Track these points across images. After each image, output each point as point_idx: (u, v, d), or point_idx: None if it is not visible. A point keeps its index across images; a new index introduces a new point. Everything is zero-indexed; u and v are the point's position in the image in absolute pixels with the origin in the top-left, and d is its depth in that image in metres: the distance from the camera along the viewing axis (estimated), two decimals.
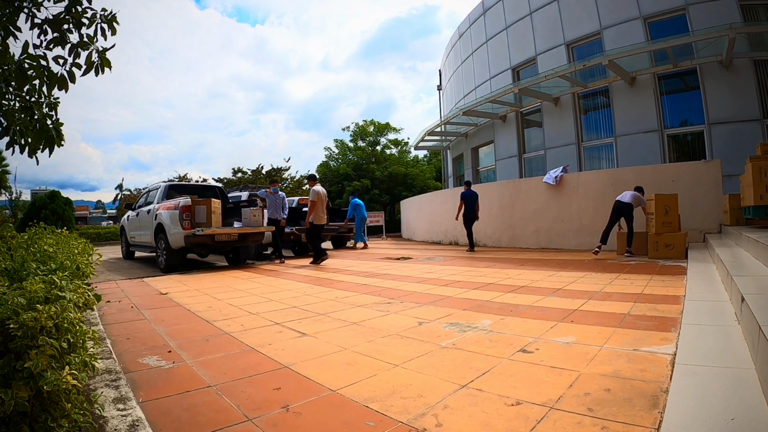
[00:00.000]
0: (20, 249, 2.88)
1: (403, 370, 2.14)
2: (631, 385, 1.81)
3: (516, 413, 1.62)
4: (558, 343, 2.49)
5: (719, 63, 10.49)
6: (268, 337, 2.83)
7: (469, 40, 18.25)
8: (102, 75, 2.56)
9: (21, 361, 1.22)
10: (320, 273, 6.47)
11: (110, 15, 2.55)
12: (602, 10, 12.69)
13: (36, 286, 1.54)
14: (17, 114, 2.62)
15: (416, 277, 5.66)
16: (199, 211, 7.11)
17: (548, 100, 13.98)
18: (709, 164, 7.87)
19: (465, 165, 19.35)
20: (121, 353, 2.52)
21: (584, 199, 8.83)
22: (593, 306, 3.43)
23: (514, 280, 5.00)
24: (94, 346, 2.25)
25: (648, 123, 11.76)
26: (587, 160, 13.45)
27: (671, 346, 2.28)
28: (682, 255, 6.27)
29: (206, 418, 1.64)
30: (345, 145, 26.75)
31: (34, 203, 17.94)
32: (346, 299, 4.17)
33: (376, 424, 1.58)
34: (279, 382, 2.01)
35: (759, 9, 10.31)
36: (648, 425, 1.46)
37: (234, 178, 24.90)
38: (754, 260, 4.00)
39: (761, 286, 2.70)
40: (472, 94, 17.63)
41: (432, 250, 10.33)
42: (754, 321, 1.89)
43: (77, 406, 1.34)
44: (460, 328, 2.90)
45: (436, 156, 28.36)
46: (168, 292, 4.91)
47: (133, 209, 9.81)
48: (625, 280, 4.61)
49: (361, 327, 3.05)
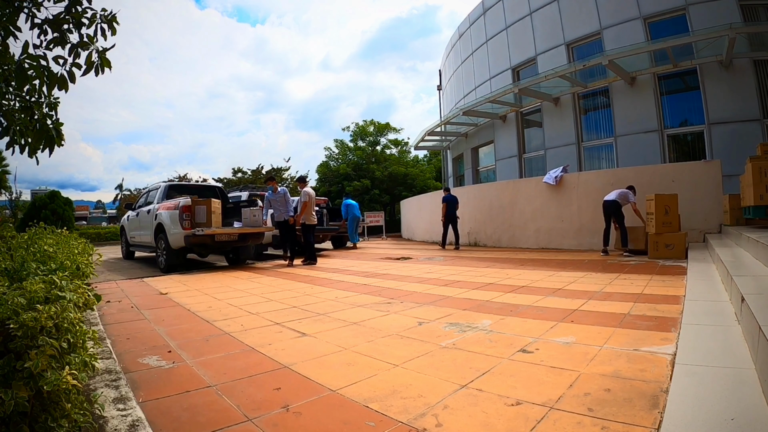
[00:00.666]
0: (20, 249, 2.88)
1: (403, 370, 2.14)
2: (631, 385, 1.81)
3: (516, 413, 1.62)
4: (558, 343, 2.49)
5: (719, 63, 10.49)
6: (268, 337, 2.83)
7: (469, 40, 18.25)
8: (102, 75, 2.57)
9: (21, 361, 1.21)
10: (320, 273, 6.47)
11: (110, 15, 2.55)
12: (602, 10, 12.69)
13: (36, 286, 1.53)
14: (17, 114, 2.62)
15: (416, 277, 5.66)
16: (199, 211, 7.11)
17: (548, 100, 13.98)
18: (709, 164, 7.87)
19: (465, 165, 19.35)
20: (121, 353, 2.52)
21: (584, 199, 8.83)
22: (593, 306, 3.43)
23: (514, 280, 5.00)
24: (94, 346, 2.25)
25: (648, 123, 11.76)
26: (587, 160, 13.45)
27: (671, 346, 2.28)
28: (682, 255, 6.27)
29: (206, 418, 1.64)
30: (345, 145, 26.78)
31: (34, 203, 17.94)
32: (346, 299, 4.17)
33: (376, 424, 1.58)
34: (279, 382, 2.01)
35: (759, 9, 10.31)
36: (648, 425, 1.46)
37: (234, 178, 24.91)
38: (754, 260, 4.00)
39: (761, 286, 2.70)
40: (472, 94, 17.63)
41: (432, 250, 10.33)
42: (754, 321, 1.89)
43: (77, 406, 1.34)
44: (460, 328, 2.90)
45: (436, 156, 28.36)
46: (168, 292, 4.91)
47: (133, 209, 9.81)
48: (625, 280, 4.61)
49: (361, 327, 3.05)
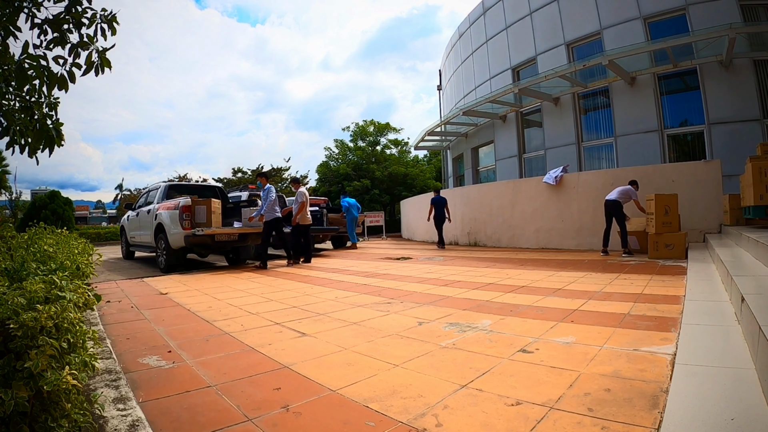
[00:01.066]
0: (20, 249, 2.88)
1: (403, 370, 2.14)
2: (631, 385, 1.81)
3: (516, 413, 1.62)
4: (558, 343, 2.49)
5: (719, 63, 10.49)
6: (268, 337, 2.83)
7: (469, 40, 18.25)
8: (102, 75, 2.56)
9: (21, 361, 1.22)
10: (320, 273, 6.47)
11: (110, 15, 2.55)
12: (602, 10, 12.69)
13: (36, 286, 1.54)
14: (17, 114, 2.62)
15: (416, 277, 5.66)
16: (199, 211, 7.11)
17: (548, 100, 13.98)
18: (709, 164, 7.87)
19: (465, 165, 19.35)
20: (121, 353, 2.52)
21: (584, 199, 8.83)
22: (593, 306, 3.42)
23: (514, 280, 5.00)
24: (94, 346, 2.25)
25: (648, 123, 11.76)
26: (587, 160, 13.45)
27: (671, 346, 2.28)
28: (682, 255, 6.27)
29: (206, 418, 1.64)
30: (345, 145, 26.77)
31: (34, 203, 17.95)
32: (346, 299, 4.17)
33: (376, 424, 1.58)
34: (279, 382, 2.01)
35: (759, 9, 10.30)
36: (648, 425, 1.46)
37: (234, 178, 24.91)
38: (754, 260, 4.00)
39: (761, 286, 2.70)
40: (472, 94, 17.63)
41: (432, 250, 10.33)
42: (754, 321, 1.89)
43: (77, 406, 1.34)
44: (460, 328, 2.90)
45: (436, 156, 28.36)
46: (168, 292, 4.91)
47: (133, 209, 9.81)
48: (625, 280, 4.61)
49: (361, 327, 3.05)
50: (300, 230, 8.09)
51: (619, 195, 7.06)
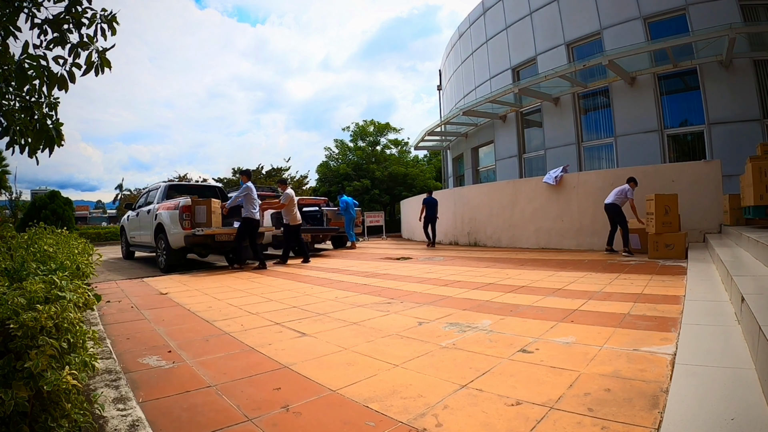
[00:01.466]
0: (20, 249, 2.88)
1: (403, 370, 2.14)
2: (631, 385, 1.81)
3: (516, 413, 1.62)
4: (558, 343, 2.49)
5: (719, 63, 10.49)
6: (268, 337, 2.83)
7: (469, 40, 18.25)
8: (102, 75, 2.56)
9: (21, 361, 1.21)
10: (320, 273, 6.47)
11: (110, 15, 2.55)
12: (602, 10, 12.69)
13: (36, 286, 1.53)
14: (17, 114, 2.61)
15: (416, 277, 5.66)
16: (199, 211, 7.11)
17: (548, 100, 13.98)
18: (709, 164, 7.87)
19: (465, 165, 19.35)
20: (121, 353, 2.52)
21: (584, 199, 8.83)
22: (593, 306, 3.43)
23: (514, 280, 5.00)
24: (94, 346, 2.25)
25: (648, 123, 11.76)
26: (587, 160, 13.45)
27: (671, 346, 2.28)
28: (682, 255, 6.27)
29: (206, 418, 1.64)
30: (345, 145, 26.76)
31: (34, 203, 17.93)
32: (346, 299, 4.17)
33: (376, 424, 1.58)
34: (279, 382, 2.01)
35: (759, 9, 10.31)
36: (648, 425, 1.46)
37: (234, 178, 24.89)
38: (754, 260, 4.00)
39: (761, 286, 2.70)
40: (472, 94, 17.63)
41: (432, 250, 10.33)
42: (754, 321, 1.89)
43: (77, 406, 1.34)
44: (460, 328, 2.90)
45: (436, 156, 28.35)
46: (168, 292, 4.91)
47: (133, 209, 9.80)
48: (625, 280, 4.61)
49: (361, 327, 3.05)
50: (291, 230, 8.13)
51: (615, 197, 7.10)
